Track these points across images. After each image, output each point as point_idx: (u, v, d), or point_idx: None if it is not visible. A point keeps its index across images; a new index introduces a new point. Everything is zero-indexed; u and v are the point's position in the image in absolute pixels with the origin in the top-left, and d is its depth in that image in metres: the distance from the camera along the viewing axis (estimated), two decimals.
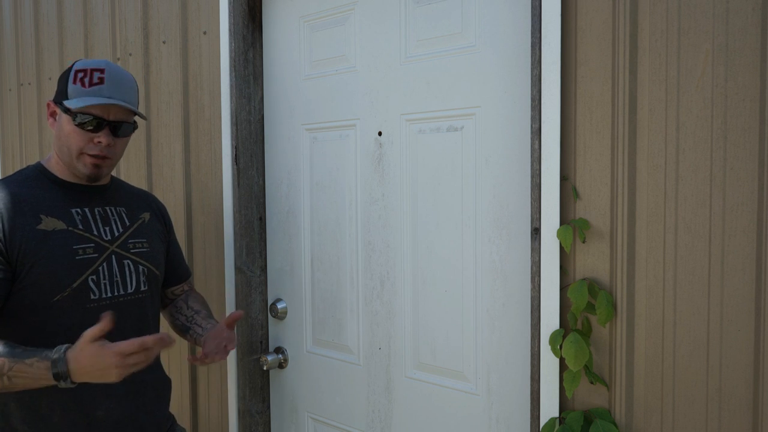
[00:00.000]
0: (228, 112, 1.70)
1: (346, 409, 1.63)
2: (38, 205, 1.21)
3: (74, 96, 1.21)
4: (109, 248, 1.27)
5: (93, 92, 1.21)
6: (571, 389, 1.12)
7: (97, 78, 1.22)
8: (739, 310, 1.00)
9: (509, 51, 1.29)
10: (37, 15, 2.38)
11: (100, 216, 1.29)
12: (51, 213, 1.21)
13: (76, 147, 1.22)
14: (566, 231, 1.13)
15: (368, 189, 1.55)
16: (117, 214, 1.32)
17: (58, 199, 1.24)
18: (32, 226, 1.17)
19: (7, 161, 2.59)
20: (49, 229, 1.19)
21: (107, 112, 1.22)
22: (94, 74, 1.22)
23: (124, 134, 1.26)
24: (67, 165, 1.25)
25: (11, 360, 1.06)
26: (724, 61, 1.00)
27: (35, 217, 1.19)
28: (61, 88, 1.24)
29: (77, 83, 1.21)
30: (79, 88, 1.21)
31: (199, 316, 1.46)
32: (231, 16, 1.68)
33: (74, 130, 1.21)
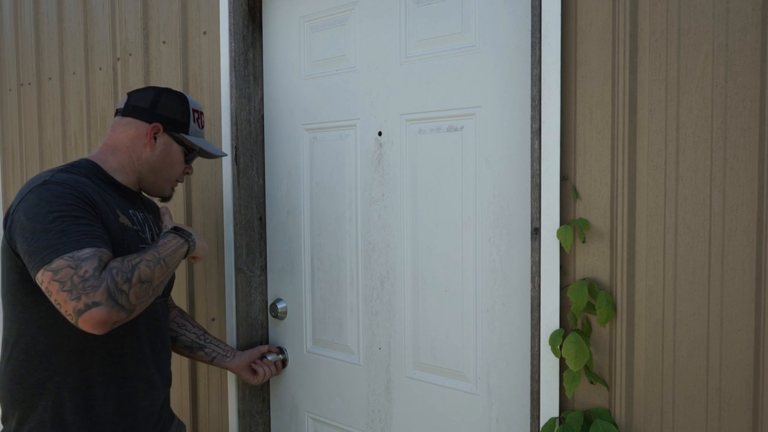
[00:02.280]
0: (228, 112, 1.70)
1: (346, 409, 1.63)
2: (110, 200, 1.25)
3: (194, 134, 1.39)
4: None
5: (203, 134, 1.44)
6: (571, 389, 1.12)
7: (203, 122, 1.44)
8: (739, 310, 1.00)
9: (509, 51, 1.29)
10: (37, 15, 2.38)
11: (144, 220, 1.35)
12: (121, 210, 1.26)
13: (176, 174, 1.39)
14: (566, 231, 1.13)
15: (368, 189, 1.55)
16: (151, 220, 1.39)
17: (121, 200, 1.30)
18: (114, 218, 1.22)
19: (7, 161, 2.59)
20: (125, 224, 1.25)
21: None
22: (202, 117, 1.43)
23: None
24: (150, 183, 1.37)
25: (153, 249, 1.18)
26: (724, 61, 1.00)
27: (113, 211, 1.23)
28: (179, 120, 1.37)
29: (196, 123, 1.40)
30: (197, 128, 1.41)
31: (210, 336, 1.61)
32: (231, 16, 1.68)
33: (180, 160, 1.38)
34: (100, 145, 1.41)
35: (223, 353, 1.60)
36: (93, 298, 1.03)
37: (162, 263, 1.16)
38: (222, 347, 1.60)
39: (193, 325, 1.59)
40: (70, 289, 1.03)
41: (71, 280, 1.03)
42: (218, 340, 1.62)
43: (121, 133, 1.33)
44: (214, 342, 1.60)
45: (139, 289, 1.09)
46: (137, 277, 1.09)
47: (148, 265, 1.13)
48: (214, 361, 1.58)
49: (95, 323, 1.04)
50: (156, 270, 1.14)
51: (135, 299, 1.09)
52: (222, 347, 1.60)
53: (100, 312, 1.03)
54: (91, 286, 1.03)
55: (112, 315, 1.05)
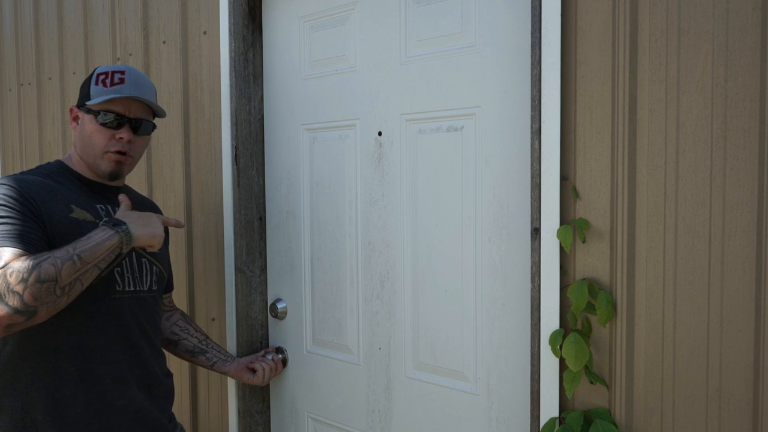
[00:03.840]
0: (228, 112, 1.70)
1: (346, 409, 1.63)
2: (68, 196, 1.24)
3: (96, 96, 1.27)
4: None
5: (114, 90, 1.27)
6: (571, 389, 1.12)
7: (118, 78, 1.29)
8: (739, 310, 1.00)
9: (509, 51, 1.29)
10: (37, 15, 2.38)
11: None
12: (79, 205, 1.25)
13: (100, 145, 1.27)
14: (566, 231, 1.13)
15: (368, 189, 1.55)
16: None
17: (84, 194, 1.28)
18: (65, 213, 1.20)
19: (7, 161, 2.59)
20: (80, 218, 1.22)
21: (128, 109, 1.29)
22: (115, 75, 1.29)
23: (144, 132, 1.33)
24: (91, 165, 1.30)
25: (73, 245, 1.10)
26: (724, 61, 1.00)
27: (67, 206, 1.22)
28: (83, 93, 1.30)
29: (99, 84, 1.28)
30: (101, 88, 1.27)
31: (211, 341, 1.61)
32: (231, 16, 1.68)
33: (97, 128, 1.27)
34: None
35: (224, 358, 1.60)
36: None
37: (75, 259, 1.08)
38: (222, 353, 1.61)
39: (196, 330, 1.59)
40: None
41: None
42: (219, 346, 1.62)
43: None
44: (215, 348, 1.60)
45: (37, 289, 1.03)
46: (35, 277, 1.03)
47: (54, 262, 1.05)
48: (215, 366, 1.58)
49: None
50: (65, 267, 1.06)
51: (32, 300, 1.03)
52: (222, 353, 1.61)
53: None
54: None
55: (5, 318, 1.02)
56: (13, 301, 1.02)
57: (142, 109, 1.32)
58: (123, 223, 1.16)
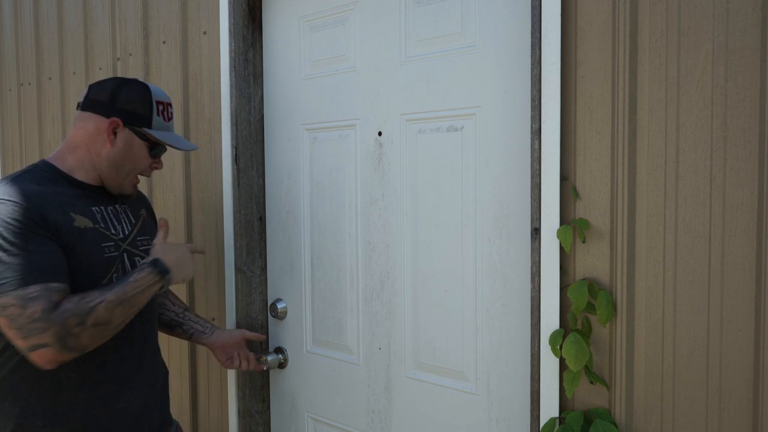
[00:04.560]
0: (228, 112, 1.70)
1: (346, 409, 1.63)
2: (65, 203, 1.22)
3: (158, 128, 1.32)
4: (122, 246, 1.30)
5: (170, 127, 1.36)
6: (571, 389, 1.12)
7: (170, 113, 1.36)
8: (739, 310, 1.00)
9: (509, 51, 1.29)
10: (37, 15, 2.38)
11: (114, 214, 1.32)
12: (78, 211, 1.23)
13: (139, 170, 1.33)
14: (566, 231, 1.13)
15: (368, 189, 1.55)
16: (123, 212, 1.36)
17: (79, 198, 1.26)
18: (69, 222, 1.19)
19: (7, 161, 2.59)
20: (82, 226, 1.22)
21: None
22: (169, 109, 1.36)
23: None
24: (112, 180, 1.30)
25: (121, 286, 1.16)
26: (724, 61, 1.00)
27: (67, 214, 1.20)
28: (141, 114, 1.29)
29: (160, 116, 1.32)
30: (162, 121, 1.33)
31: (189, 314, 1.57)
32: (231, 16, 1.68)
33: (144, 155, 1.32)
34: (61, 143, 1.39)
35: (201, 329, 1.55)
36: (41, 340, 1.05)
37: (125, 304, 1.14)
38: (201, 324, 1.55)
39: (174, 303, 1.56)
40: (18, 328, 1.05)
41: (18, 320, 1.05)
42: (198, 317, 1.57)
43: (80, 130, 1.28)
44: (193, 319, 1.55)
45: (93, 332, 1.10)
46: (93, 321, 1.09)
47: (108, 307, 1.11)
48: (192, 337, 1.54)
49: (44, 361, 1.07)
50: (117, 311, 1.13)
51: (88, 341, 1.10)
52: (201, 324, 1.55)
53: (48, 353, 1.06)
54: (39, 328, 1.05)
55: (60, 356, 1.08)
56: (71, 342, 1.08)
57: None
58: (168, 271, 1.22)
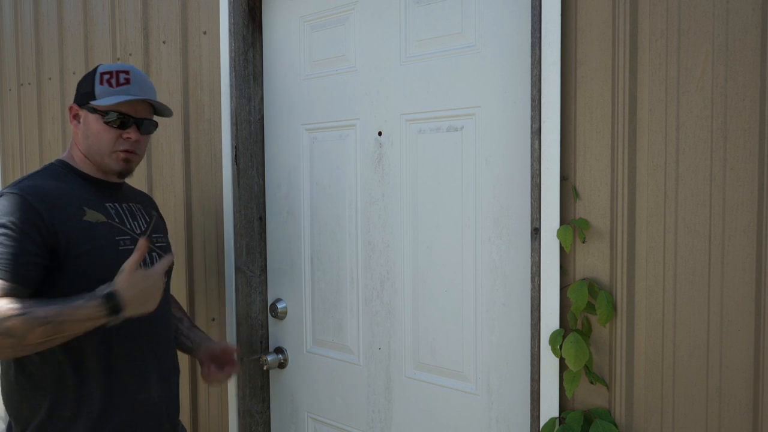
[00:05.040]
0: (228, 112, 1.70)
1: (346, 409, 1.63)
2: (79, 198, 1.24)
3: (102, 96, 1.26)
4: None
5: (121, 91, 1.27)
6: (571, 389, 1.12)
7: (123, 79, 1.28)
8: (739, 310, 1.00)
9: (509, 51, 1.29)
10: (37, 15, 2.38)
11: (129, 211, 1.34)
12: (91, 206, 1.25)
13: (108, 144, 1.28)
14: (566, 231, 1.13)
15: (368, 189, 1.55)
16: (138, 210, 1.38)
17: (93, 194, 1.29)
18: (78, 217, 1.21)
19: (7, 161, 2.59)
20: (93, 220, 1.23)
21: (134, 110, 1.30)
22: (120, 75, 1.28)
23: (147, 131, 1.34)
24: (98, 163, 1.30)
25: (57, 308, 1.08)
26: (724, 61, 1.00)
27: (79, 208, 1.22)
28: (85, 91, 1.29)
29: (104, 84, 1.27)
30: (107, 88, 1.27)
31: (182, 325, 1.52)
32: (231, 16, 1.68)
33: (104, 128, 1.27)
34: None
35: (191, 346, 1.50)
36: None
37: (50, 326, 1.06)
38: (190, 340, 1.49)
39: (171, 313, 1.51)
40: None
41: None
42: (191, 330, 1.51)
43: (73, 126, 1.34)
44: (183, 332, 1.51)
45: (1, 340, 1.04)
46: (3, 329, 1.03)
47: (28, 321, 1.04)
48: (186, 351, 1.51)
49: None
50: (37, 331, 1.05)
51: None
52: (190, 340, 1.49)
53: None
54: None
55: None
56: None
57: (147, 109, 1.33)
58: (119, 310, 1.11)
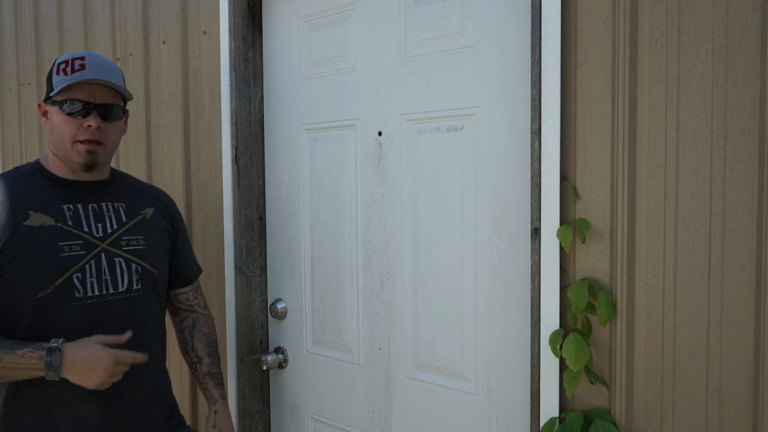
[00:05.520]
0: (228, 112, 1.70)
1: (346, 409, 1.63)
2: (29, 201, 1.21)
3: (58, 85, 1.21)
4: (100, 245, 1.25)
5: (76, 77, 1.21)
6: (571, 389, 1.12)
7: (79, 65, 1.22)
8: (739, 311, 1.00)
9: (509, 51, 1.29)
10: (37, 15, 2.38)
11: (94, 212, 1.28)
12: (40, 209, 1.21)
13: (68, 135, 1.22)
14: (566, 231, 1.13)
15: (368, 189, 1.55)
16: (114, 210, 1.31)
17: (51, 195, 1.24)
18: (19, 222, 1.17)
19: (7, 161, 2.59)
20: (35, 225, 1.19)
21: (92, 95, 1.23)
22: (75, 62, 1.22)
23: (114, 118, 1.26)
24: (63, 158, 1.25)
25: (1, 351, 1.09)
26: (724, 61, 1.00)
27: (23, 213, 1.19)
28: (48, 85, 1.25)
29: (60, 74, 1.22)
30: (63, 77, 1.21)
31: (201, 368, 1.45)
32: (231, 16, 1.68)
33: (63, 119, 1.21)
34: None
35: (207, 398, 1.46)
36: None
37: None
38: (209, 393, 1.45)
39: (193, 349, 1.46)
40: None
41: None
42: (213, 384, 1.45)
43: None
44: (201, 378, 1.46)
45: None
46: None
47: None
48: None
49: None
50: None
51: None
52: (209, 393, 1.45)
53: None
54: None
55: None
56: None
57: (109, 93, 1.25)
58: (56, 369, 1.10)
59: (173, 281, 1.46)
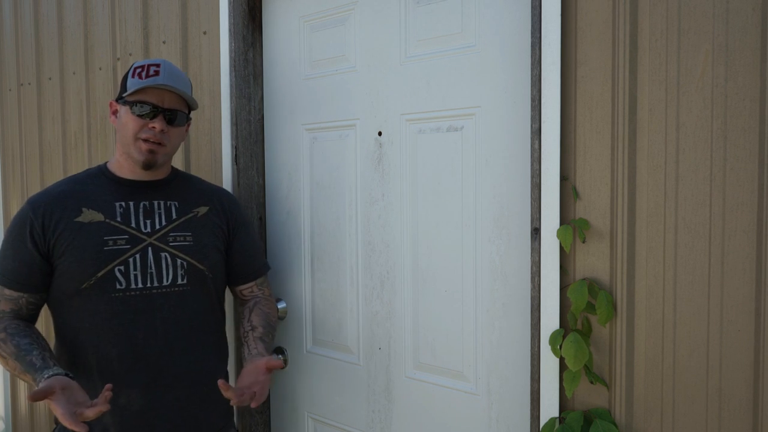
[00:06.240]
0: (228, 112, 1.70)
1: (346, 409, 1.63)
2: (84, 199, 1.29)
3: (132, 87, 1.28)
4: (147, 240, 1.31)
5: (149, 81, 1.28)
6: (571, 389, 1.12)
7: (153, 71, 1.29)
8: (739, 310, 1.00)
9: (509, 51, 1.29)
10: (37, 15, 2.38)
11: (144, 209, 1.33)
12: (93, 206, 1.29)
13: (132, 132, 1.29)
14: (566, 231, 1.13)
15: (368, 189, 1.55)
16: (165, 208, 1.36)
17: (107, 194, 1.32)
18: (71, 218, 1.26)
19: (7, 161, 2.59)
20: (86, 221, 1.27)
21: (162, 100, 1.30)
22: (151, 68, 1.30)
23: (178, 123, 1.34)
24: (126, 155, 1.32)
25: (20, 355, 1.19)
26: (724, 61, 1.00)
27: (77, 210, 1.28)
28: (121, 86, 1.33)
29: (135, 77, 1.29)
30: (137, 80, 1.28)
31: (253, 334, 1.40)
32: (231, 16, 1.68)
33: (132, 118, 1.28)
34: None
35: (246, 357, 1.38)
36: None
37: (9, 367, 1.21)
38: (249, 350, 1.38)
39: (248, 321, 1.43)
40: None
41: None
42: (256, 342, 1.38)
43: None
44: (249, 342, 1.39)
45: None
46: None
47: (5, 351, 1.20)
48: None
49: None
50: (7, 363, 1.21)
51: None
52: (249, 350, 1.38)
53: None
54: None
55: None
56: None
57: (177, 100, 1.32)
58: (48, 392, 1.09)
59: (235, 277, 1.48)
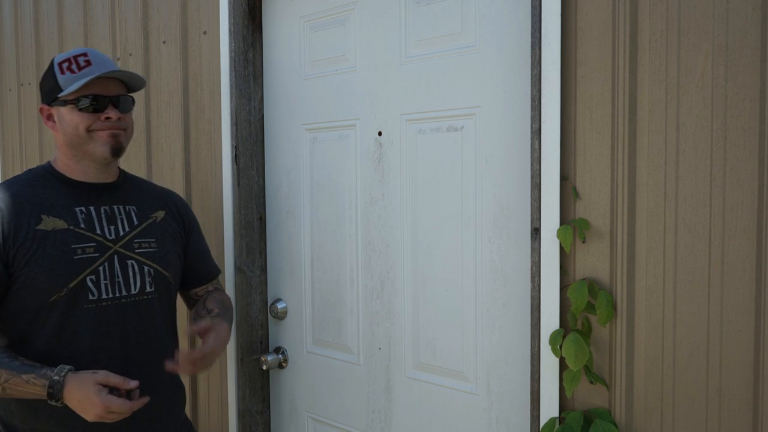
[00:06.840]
0: (228, 112, 1.70)
1: (346, 409, 1.63)
2: (41, 205, 1.20)
3: (68, 84, 1.20)
4: (112, 248, 1.25)
5: (85, 73, 1.21)
6: (571, 389, 1.12)
7: (84, 61, 1.22)
8: (739, 310, 1.00)
9: (509, 51, 1.29)
10: (37, 15, 2.38)
11: (106, 214, 1.27)
12: (53, 212, 1.20)
13: (84, 128, 1.21)
14: (566, 231, 1.13)
15: (368, 189, 1.55)
16: (125, 213, 1.30)
17: (63, 198, 1.23)
18: (32, 226, 1.17)
19: (7, 161, 2.59)
20: (48, 228, 1.18)
21: (106, 89, 1.23)
22: (79, 59, 1.22)
23: (127, 108, 1.27)
24: (81, 155, 1.24)
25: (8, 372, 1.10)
26: (724, 61, 1.00)
27: (36, 217, 1.18)
28: (49, 87, 1.24)
29: (66, 72, 1.21)
30: (70, 75, 1.20)
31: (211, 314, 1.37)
32: (231, 16, 1.68)
33: (80, 116, 1.21)
34: None
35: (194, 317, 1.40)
36: None
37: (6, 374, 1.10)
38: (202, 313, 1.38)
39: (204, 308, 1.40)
40: None
41: None
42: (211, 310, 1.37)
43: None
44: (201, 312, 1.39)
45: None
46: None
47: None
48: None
49: None
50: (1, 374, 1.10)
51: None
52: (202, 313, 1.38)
53: None
54: None
55: None
56: None
57: (119, 86, 1.26)
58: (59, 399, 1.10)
59: (189, 282, 1.45)
